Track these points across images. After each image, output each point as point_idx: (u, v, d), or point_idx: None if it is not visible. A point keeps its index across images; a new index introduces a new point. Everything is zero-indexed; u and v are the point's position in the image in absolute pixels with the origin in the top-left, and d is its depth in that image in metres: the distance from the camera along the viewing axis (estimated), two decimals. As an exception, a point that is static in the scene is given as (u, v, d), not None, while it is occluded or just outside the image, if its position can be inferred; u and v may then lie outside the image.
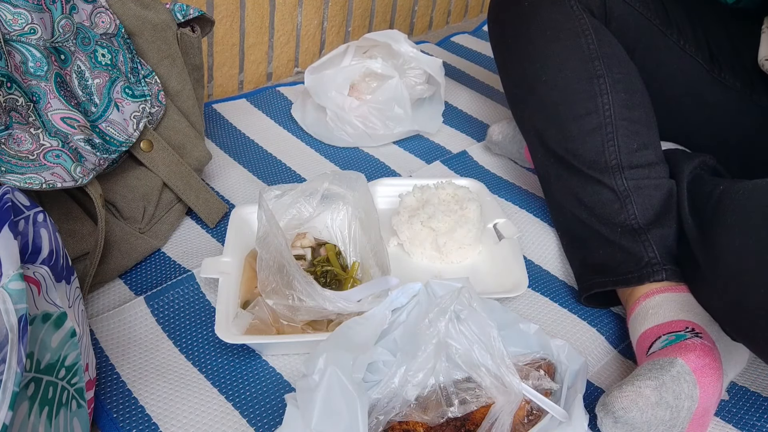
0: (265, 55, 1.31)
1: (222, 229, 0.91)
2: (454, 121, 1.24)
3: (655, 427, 0.60)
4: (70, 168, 0.69)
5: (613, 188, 0.78)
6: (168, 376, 0.70)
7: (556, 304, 0.84)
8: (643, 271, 0.74)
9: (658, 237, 0.76)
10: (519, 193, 1.05)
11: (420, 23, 1.64)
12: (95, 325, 0.75)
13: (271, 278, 0.70)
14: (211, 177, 1.02)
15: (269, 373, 0.72)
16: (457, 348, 0.60)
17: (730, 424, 0.70)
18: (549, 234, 0.96)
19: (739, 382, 0.75)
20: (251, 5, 1.22)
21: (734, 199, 0.66)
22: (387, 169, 1.09)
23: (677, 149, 0.89)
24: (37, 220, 0.56)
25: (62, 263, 0.59)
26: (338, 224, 0.86)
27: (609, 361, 0.78)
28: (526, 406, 0.60)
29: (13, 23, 0.67)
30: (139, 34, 0.83)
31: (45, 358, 0.52)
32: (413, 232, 0.87)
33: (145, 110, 0.81)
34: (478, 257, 0.89)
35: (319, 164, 1.09)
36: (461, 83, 1.37)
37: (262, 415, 0.68)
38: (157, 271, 0.84)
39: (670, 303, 0.71)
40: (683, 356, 0.62)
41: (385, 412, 0.59)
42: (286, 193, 0.81)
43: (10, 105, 0.67)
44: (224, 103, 1.22)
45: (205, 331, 0.76)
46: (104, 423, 0.65)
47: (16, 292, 0.45)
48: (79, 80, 0.75)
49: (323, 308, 0.68)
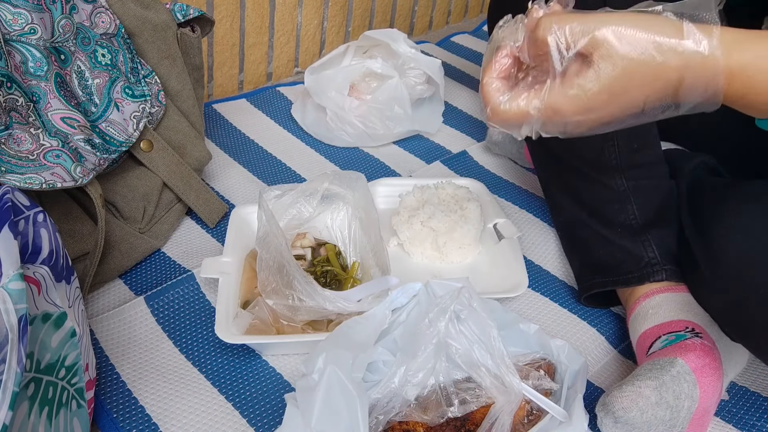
0: (265, 55, 1.31)
1: (222, 229, 0.91)
2: (454, 121, 1.24)
3: (655, 427, 0.60)
4: (70, 168, 0.69)
5: (613, 188, 0.78)
6: (168, 376, 0.70)
7: (556, 304, 0.84)
8: (643, 271, 0.74)
9: (658, 237, 0.76)
10: (519, 193, 1.05)
11: (420, 23, 1.64)
12: (95, 325, 0.75)
13: (271, 278, 0.70)
14: (211, 177, 1.02)
15: (269, 373, 0.72)
16: (457, 348, 0.60)
17: (730, 424, 0.70)
18: (549, 234, 0.96)
19: (739, 382, 0.75)
20: (251, 5, 1.22)
21: (734, 200, 0.66)
22: (387, 169, 1.09)
23: (677, 149, 0.89)
24: (37, 220, 0.56)
25: (62, 263, 0.59)
26: (338, 224, 0.86)
27: (609, 361, 0.78)
28: (526, 406, 0.60)
29: (13, 23, 0.67)
30: (139, 34, 0.83)
31: (45, 358, 0.52)
32: (413, 232, 0.87)
33: (145, 110, 0.81)
34: (478, 257, 0.89)
35: (319, 164, 1.09)
36: (461, 83, 1.37)
37: (262, 415, 0.68)
38: (157, 271, 0.84)
39: (670, 303, 0.71)
40: (683, 356, 0.62)
41: (385, 412, 0.59)
42: (286, 193, 0.81)
43: (10, 105, 0.67)
44: (224, 103, 1.22)
45: (205, 331, 0.76)
46: (104, 423, 0.65)
47: (16, 292, 0.45)
48: (79, 80, 0.75)
49: (323, 308, 0.68)
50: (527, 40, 0.49)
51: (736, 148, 0.88)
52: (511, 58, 0.51)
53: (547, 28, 0.47)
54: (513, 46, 0.50)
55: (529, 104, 0.48)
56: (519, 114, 0.49)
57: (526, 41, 0.49)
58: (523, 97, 0.49)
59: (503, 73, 0.52)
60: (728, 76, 0.44)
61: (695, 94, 0.46)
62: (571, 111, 0.47)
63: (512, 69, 0.52)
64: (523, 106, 0.49)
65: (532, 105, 0.48)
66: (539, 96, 0.48)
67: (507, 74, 0.52)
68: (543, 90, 0.48)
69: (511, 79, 0.52)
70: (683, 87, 0.45)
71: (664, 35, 0.44)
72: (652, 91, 0.46)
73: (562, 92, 0.47)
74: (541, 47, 0.47)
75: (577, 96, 0.46)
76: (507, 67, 0.51)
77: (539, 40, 0.47)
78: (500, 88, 0.51)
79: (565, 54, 0.46)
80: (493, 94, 0.51)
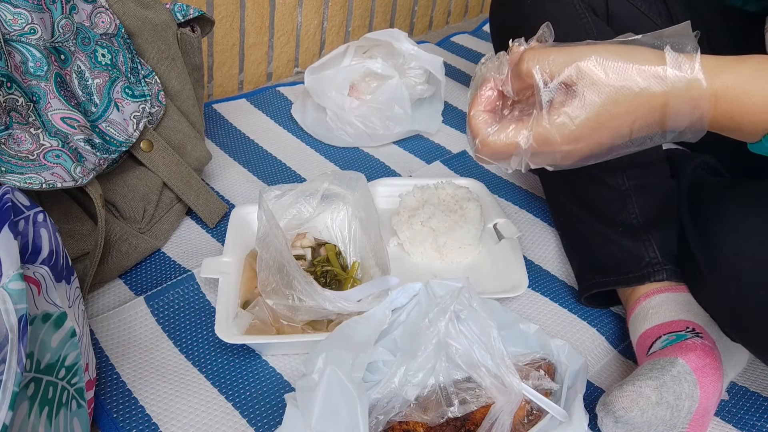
0: (265, 55, 1.31)
1: (222, 229, 0.91)
2: (454, 121, 1.24)
3: (656, 427, 0.60)
4: (70, 168, 0.69)
5: (614, 187, 0.78)
6: (168, 376, 0.70)
7: (556, 304, 0.84)
8: (644, 271, 0.74)
9: (658, 237, 0.76)
10: (519, 193, 1.05)
11: (420, 23, 1.64)
12: (95, 325, 0.75)
13: (271, 278, 0.70)
14: (211, 177, 1.02)
15: (269, 373, 0.72)
16: (457, 348, 0.60)
17: (730, 424, 0.70)
18: (549, 234, 0.96)
19: (739, 382, 0.75)
20: (251, 5, 1.22)
21: (735, 201, 0.66)
22: (387, 169, 1.09)
23: (678, 149, 0.89)
24: (37, 220, 0.56)
25: (62, 263, 0.59)
26: (338, 224, 0.86)
27: (609, 361, 0.78)
28: (526, 406, 0.60)
29: (13, 23, 0.67)
30: (139, 34, 0.83)
31: (45, 358, 0.52)
32: (413, 232, 0.87)
33: (145, 110, 0.81)
34: (478, 257, 0.89)
35: (319, 164, 1.09)
36: (461, 83, 1.37)
37: (262, 415, 0.68)
38: (157, 271, 0.84)
39: (671, 303, 0.71)
40: (684, 356, 0.62)
41: (385, 412, 0.59)
42: (286, 193, 0.81)
43: (10, 105, 0.67)
44: (224, 103, 1.22)
45: (205, 331, 0.76)
46: (104, 423, 0.65)
47: (16, 292, 0.45)
48: (79, 80, 0.75)
49: (323, 308, 0.68)
50: (511, 74, 0.50)
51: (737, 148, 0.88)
52: (496, 91, 0.52)
53: (530, 60, 0.47)
54: (497, 79, 0.51)
55: (518, 134, 0.49)
56: (508, 145, 0.49)
57: (509, 75, 0.50)
58: (512, 128, 0.49)
59: (489, 106, 0.52)
60: (713, 99, 0.45)
61: (681, 118, 0.46)
62: (559, 140, 0.47)
63: (497, 102, 0.52)
64: (512, 137, 0.49)
65: (521, 135, 0.49)
66: (527, 126, 0.48)
67: (493, 107, 0.52)
68: (530, 120, 0.48)
69: (497, 113, 0.53)
70: (669, 112, 0.46)
71: (646, 62, 0.45)
72: (638, 117, 0.46)
73: (550, 121, 0.47)
74: (525, 79, 0.48)
75: (565, 124, 0.47)
76: (492, 100, 0.52)
77: (523, 73, 0.48)
78: (487, 120, 0.52)
79: (549, 84, 0.47)
80: (481, 126, 0.51)
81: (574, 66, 0.46)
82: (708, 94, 0.45)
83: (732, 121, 0.46)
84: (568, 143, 0.48)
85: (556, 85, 0.47)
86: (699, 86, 0.45)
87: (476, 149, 0.51)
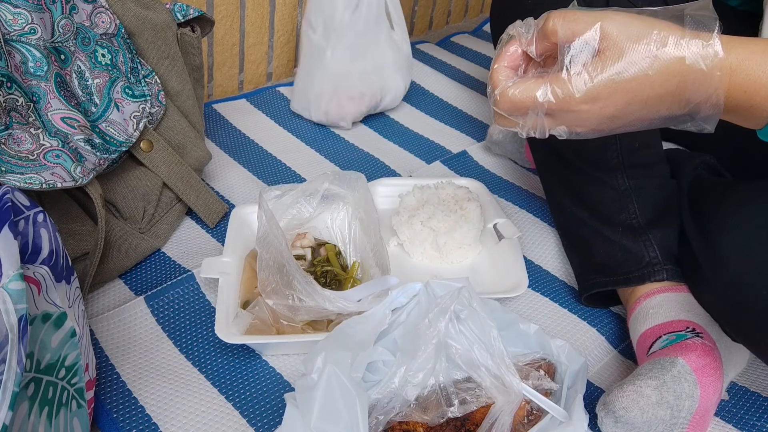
0: (265, 55, 1.31)
1: (222, 229, 0.91)
2: (454, 121, 1.24)
3: (656, 427, 0.60)
4: (70, 168, 0.69)
5: (615, 187, 0.78)
6: (168, 376, 0.70)
7: (556, 304, 0.84)
8: (644, 271, 0.74)
9: (659, 236, 0.75)
10: (519, 193, 1.05)
11: (420, 23, 1.64)
12: (95, 325, 0.75)
13: (271, 278, 0.70)
14: (211, 177, 1.02)
15: (269, 373, 0.72)
16: (457, 348, 0.60)
17: (730, 424, 0.70)
18: (549, 234, 0.96)
19: (739, 382, 0.75)
20: (251, 5, 1.22)
21: (736, 200, 0.66)
22: (387, 169, 1.09)
23: (678, 149, 0.89)
24: (37, 220, 0.56)
25: (62, 263, 0.59)
26: (338, 224, 0.86)
27: (609, 361, 0.78)
28: (526, 406, 0.60)
29: (13, 23, 0.67)
30: (139, 34, 0.83)
31: (45, 358, 0.52)
32: (413, 232, 0.87)
33: (145, 110, 0.81)
34: (478, 257, 0.89)
35: (319, 164, 1.09)
36: (461, 83, 1.37)
37: (262, 415, 0.67)
38: (157, 271, 0.84)
39: (671, 303, 0.71)
40: (684, 356, 0.62)
41: (385, 412, 0.59)
42: (286, 193, 0.81)
43: (10, 105, 0.67)
44: (224, 103, 1.22)
45: (205, 331, 0.76)
46: (104, 423, 0.65)
47: (16, 292, 0.45)
48: (79, 80, 0.75)
49: (323, 308, 0.68)
50: (537, 34, 0.51)
51: (737, 148, 0.88)
52: (521, 50, 0.53)
53: (556, 18, 0.49)
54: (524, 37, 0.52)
55: (537, 88, 0.50)
56: (526, 99, 0.50)
57: (535, 35, 0.51)
58: (531, 83, 0.50)
59: (512, 63, 0.53)
60: (728, 70, 0.46)
61: (697, 88, 0.47)
62: (577, 97, 0.48)
63: (521, 62, 0.53)
64: (531, 89, 0.50)
65: (540, 89, 0.49)
66: (546, 81, 0.49)
67: (516, 65, 0.53)
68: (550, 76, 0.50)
69: (519, 71, 0.54)
70: (686, 81, 0.47)
71: (666, 29, 0.47)
72: (655, 82, 0.47)
73: (569, 77, 0.48)
74: (550, 37, 0.49)
75: (583, 80, 0.48)
76: (516, 57, 0.53)
77: (548, 30, 0.49)
78: (509, 75, 0.53)
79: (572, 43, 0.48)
80: (502, 79, 0.52)
81: (598, 26, 0.47)
82: (725, 65, 0.46)
83: (746, 95, 0.47)
84: (585, 102, 0.49)
85: (579, 44, 0.48)
86: (716, 56, 0.46)
87: (494, 101, 0.52)
